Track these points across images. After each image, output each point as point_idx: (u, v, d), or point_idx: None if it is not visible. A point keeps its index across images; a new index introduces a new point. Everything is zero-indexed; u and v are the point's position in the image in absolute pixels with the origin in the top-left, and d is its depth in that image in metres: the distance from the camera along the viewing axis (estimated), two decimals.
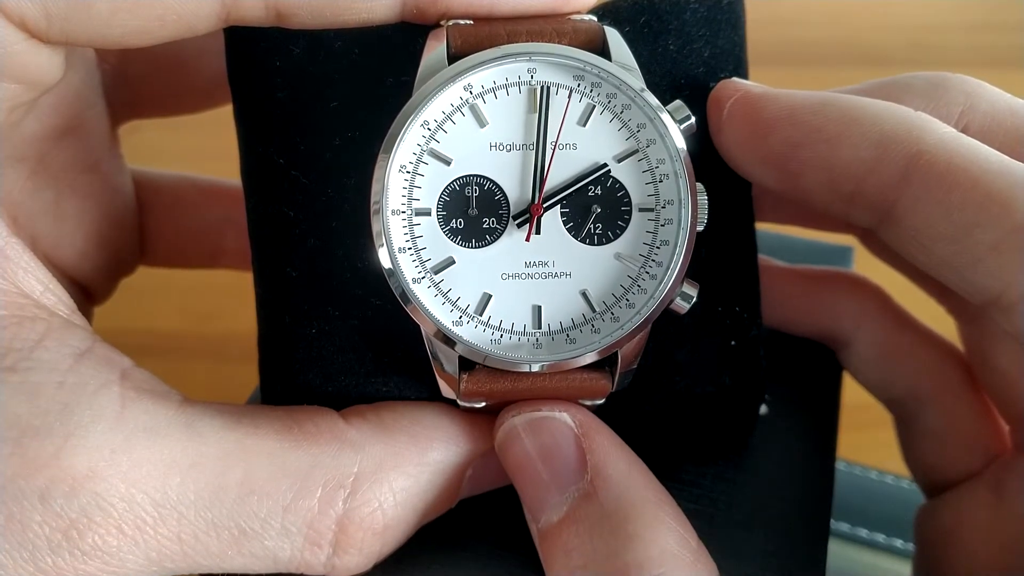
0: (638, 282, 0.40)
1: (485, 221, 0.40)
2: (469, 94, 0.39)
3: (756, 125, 0.39)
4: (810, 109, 0.38)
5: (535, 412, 0.39)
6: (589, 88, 0.39)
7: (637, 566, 0.35)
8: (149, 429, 0.36)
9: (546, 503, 0.38)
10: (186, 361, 0.75)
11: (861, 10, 1.05)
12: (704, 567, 0.36)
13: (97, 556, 0.34)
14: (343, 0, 0.38)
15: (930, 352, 0.48)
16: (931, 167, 0.35)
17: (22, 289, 0.37)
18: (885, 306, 0.50)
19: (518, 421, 0.39)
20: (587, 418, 0.39)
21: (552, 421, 0.39)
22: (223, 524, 0.36)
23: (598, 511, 0.36)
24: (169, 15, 0.37)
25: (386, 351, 0.42)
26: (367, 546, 0.38)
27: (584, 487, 0.37)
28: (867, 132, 0.37)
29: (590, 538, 0.36)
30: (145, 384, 0.37)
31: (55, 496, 0.33)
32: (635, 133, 0.40)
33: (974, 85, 0.40)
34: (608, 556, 0.35)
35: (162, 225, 0.56)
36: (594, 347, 0.39)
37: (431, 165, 0.39)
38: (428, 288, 0.39)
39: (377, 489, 0.38)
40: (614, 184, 0.40)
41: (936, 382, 0.48)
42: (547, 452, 0.38)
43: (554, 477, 0.38)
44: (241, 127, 0.44)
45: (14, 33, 0.36)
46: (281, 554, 0.37)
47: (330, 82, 0.42)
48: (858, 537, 0.60)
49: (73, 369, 0.36)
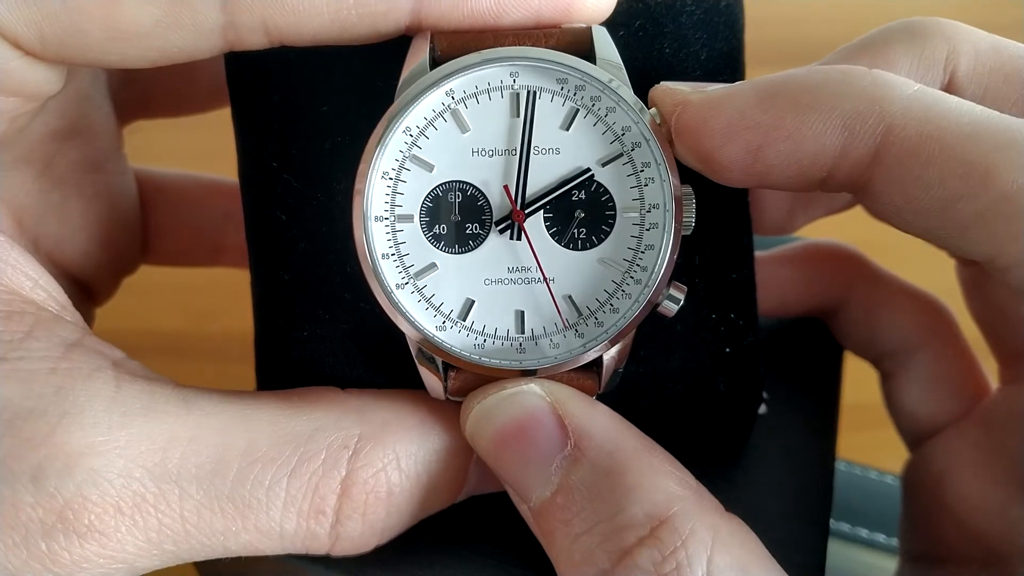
0: (623, 287, 0.40)
1: (468, 227, 0.39)
2: (451, 99, 0.39)
3: (709, 139, 0.36)
4: (759, 107, 0.35)
5: (502, 391, 0.38)
6: (572, 92, 0.39)
7: (646, 515, 0.34)
8: (146, 406, 0.35)
9: (534, 480, 0.36)
10: (186, 361, 0.75)
11: (861, 10, 1.03)
12: (710, 502, 0.35)
13: (93, 538, 0.33)
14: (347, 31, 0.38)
15: (915, 304, 0.50)
16: (902, 144, 0.33)
17: (9, 285, 0.37)
18: (867, 267, 0.51)
19: (489, 403, 0.38)
20: (554, 386, 0.38)
21: (522, 395, 0.38)
22: (227, 496, 0.35)
23: (591, 472, 0.35)
24: (169, 48, 0.37)
25: (376, 354, 0.42)
26: (370, 512, 0.38)
27: (571, 453, 0.36)
28: (827, 119, 0.34)
29: (589, 501, 0.35)
30: (138, 371, 0.37)
31: (48, 475, 0.33)
32: (619, 136, 0.39)
33: (954, 28, 0.38)
34: (613, 513, 0.34)
35: (165, 222, 0.57)
36: (578, 351, 0.39)
37: (413, 171, 0.39)
38: (411, 294, 0.39)
39: (381, 451, 0.38)
40: (598, 188, 0.39)
41: (924, 330, 0.49)
42: (524, 428, 0.37)
43: (537, 451, 0.36)
44: (238, 130, 0.44)
45: (8, 51, 0.36)
46: (287, 525, 0.37)
47: (321, 87, 0.42)
48: (858, 537, 0.59)
49: (65, 357, 0.36)
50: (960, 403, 0.48)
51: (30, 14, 0.34)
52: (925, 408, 0.49)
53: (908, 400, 0.49)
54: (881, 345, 0.50)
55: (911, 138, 0.33)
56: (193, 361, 0.75)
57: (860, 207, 0.50)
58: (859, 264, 0.52)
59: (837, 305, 0.51)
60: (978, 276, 0.47)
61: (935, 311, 0.49)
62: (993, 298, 0.46)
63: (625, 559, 0.33)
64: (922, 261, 0.54)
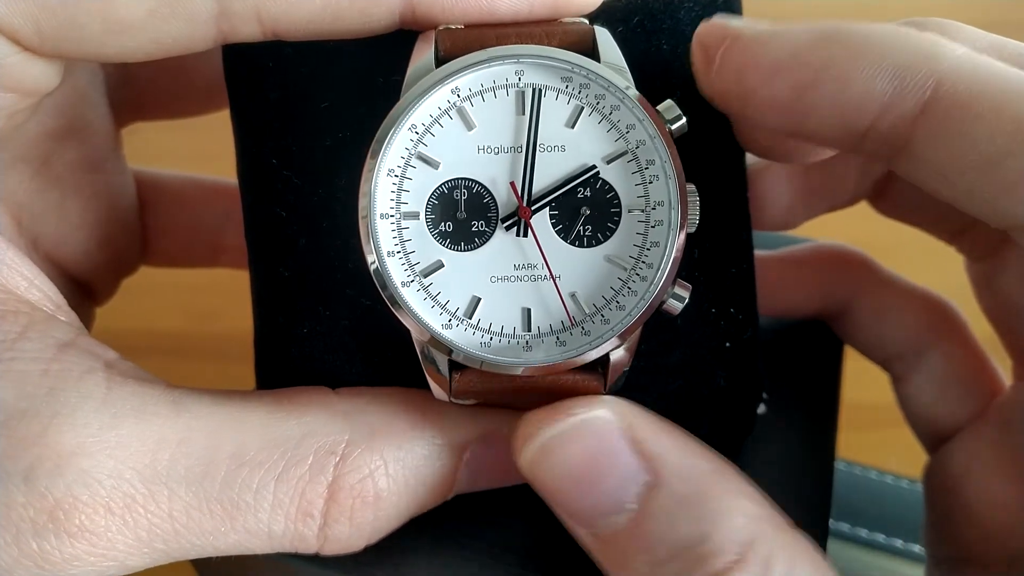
0: (628, 284, 0.40)
1: (474, 224, 0.39)
2: (457, 97, 0.39)
3: (755, 73, 0.36)
4: (814, 47, 0.35)
5: (570, 418, 0.36)
6: (577, 90, 0.39)
7: (731, 541, 0.33)
8: (137, 408, 0.35)
9: (604, 507, 0.35)
10: (186, 361, 0.75)
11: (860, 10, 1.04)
12: (780, 519, 0.35)
13: (84, 537, 0.33)
14: (339, 19, 0.38)
15: (922, 304, 0.50)
16: (952, 98, 0.33)
17: (4, 285, 0.37)
18: (873, 270, 0.51)
19: (553, 432, 0.36)
20: (624, 408, 0.37)
21: (593, 423, 0.36)
22: (216, 499, 0.36)
23: (670, 499, 0.34)
24: (164, 39, 0.37)
25: (376, 351, 0.42)
26: (357, 515, 0.38)
27: (648, 480, 0.35)
28: (880, 65, 0.34)
29: (671, 528, 0.34)
30: (130, 372, 0.37)
31: (39, 475, 0.33)
32: (624, 134, 0.39)
33: (954, 28, 0.38)
34: (699, 540, 0.33)
35: (164, 223, 0.57)
36: (584, 349, 0.39)
37: (419, 168, 0.39)
38: (417, 291, 0.39)
39: (368, 457, 0.38)
40: (603, 186, 0.39)
41: (932, 330, 0.49)
42: (597, 460, 0.36)
43: (610, 481, 0.35)
44: (236, 127, 0.44)
45: (6, 46, 0.36)
46: (275, 527, 0.37)
47: (321, 82, 0.42)
48: (858, 537, 0.59)
49: (57, 358, 0.36)
50: (974, 402, 0.47)
51: (28, 8, 0.35)
52: (939, 409, 0.48)
53: (922, 402, 0.49)
54: (890, 347, 0.50)
55: (961, 93, 0.33)
56: (193, 361, 0.75)
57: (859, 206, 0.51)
58: (865, 266, 0.51)
59: (844, 308, 0.51)
60: (990, 271, 0.47)
61: (942, 311, 0.49)
62: (1006, 292, 0.46)
63: None
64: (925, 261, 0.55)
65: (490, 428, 0.41)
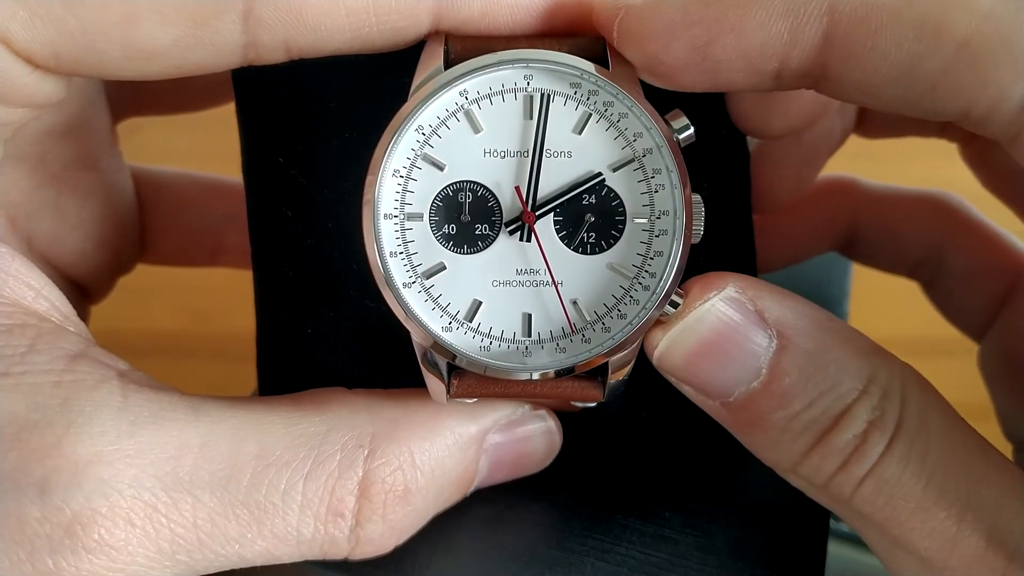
0: (630, 292, 0.39)
1: (477, 227, 0.39)
2: (464, 99, 0.39)
3: (653, 40, 0.36)
4: (703, 4, 0.35)
5: (699, 307, 0.38)
6: (586, 96, 0.39)
7: (856, 378, 0.35)
8: (155, 414, 0.34)
9: (736, 376, 0.37)
10: (186, 361, 0.74)
11: None
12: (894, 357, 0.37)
13: (103, 552, 0.32)
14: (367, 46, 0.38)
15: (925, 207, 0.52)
16: (850, 16, 0.33)
17: (11, 297, 0.36)
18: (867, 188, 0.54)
19: (690, 320, 0.38)
20: (743, 281, 0.38)
21: (720, 303, 0.37)
22: (242, 502, 0.34)
23: (800, 356, 0.36)
24: (187, 65, 0.36)
25: (380, 353, 0.42)
26: (390, 512, 0.37)
27: (776, 343, 0.36)
28: (769, 5, 0.34)
29: (806, 382, 0.36)
30: (144, 381, 0.37)
31: (55, 488, 0.32)
32: (631, 142, 0.39)
33: None
34: (831, 387, 0.36)
35: (164, 222, 0.56)
36: (584, 357, 0.39)
37: (424, 170, 0.39)
38: (418, 293, 0.39)
39: (396, 449, 0.37)
40: (609, 193, 0.39)
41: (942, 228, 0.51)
42: (726, 334, 0.37)
43: (741, 351, 0.37)
44: (243, 125, 0.44)
45: (22, 67, 0.35)
46: (305, 529, 0.36)
47: (329, 83, 0.42)
48: (858, 537, 0.59)
49: (69, 369, 0.35)
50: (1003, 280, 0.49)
51: (47, 33, 0.34)
52: (973, 299, 0.50)
53: (955, 298, 0.51)
54: (908, 256, 0.52)
55: (857, 9, 0.33)
56: (193, 361, 0.75)
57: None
58: (858, 188, 0.54)
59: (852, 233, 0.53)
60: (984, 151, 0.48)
61: (946, 207, 0.51)
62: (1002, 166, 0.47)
63: (844, 416, 0.35)
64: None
65: (507, 415, 0.41)
